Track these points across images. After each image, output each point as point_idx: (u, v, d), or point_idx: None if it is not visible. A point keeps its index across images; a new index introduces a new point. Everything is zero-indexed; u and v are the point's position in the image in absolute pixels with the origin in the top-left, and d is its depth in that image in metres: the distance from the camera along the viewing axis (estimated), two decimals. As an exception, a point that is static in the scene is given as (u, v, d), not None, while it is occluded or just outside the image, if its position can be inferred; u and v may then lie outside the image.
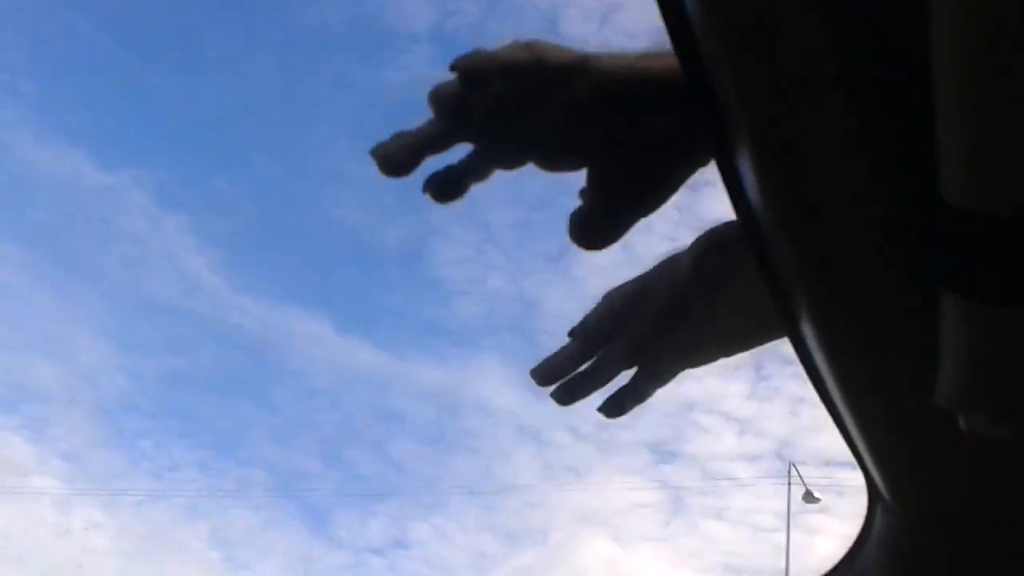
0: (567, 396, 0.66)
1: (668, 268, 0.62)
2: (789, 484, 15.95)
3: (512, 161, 0.58)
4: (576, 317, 0.66)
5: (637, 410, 0.66)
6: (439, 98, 0.56)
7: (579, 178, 0.57)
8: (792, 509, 15.72)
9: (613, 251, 0.57)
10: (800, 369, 0.55)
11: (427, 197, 0.58)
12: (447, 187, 0.58)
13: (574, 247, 0.56)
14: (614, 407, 0.66)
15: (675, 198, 0.57)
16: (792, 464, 16.24)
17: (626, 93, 0.53)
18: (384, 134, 0.56)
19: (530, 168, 0.57)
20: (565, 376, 0.66)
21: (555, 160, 0.57)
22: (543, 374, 0.66)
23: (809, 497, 15.76)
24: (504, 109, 0.55)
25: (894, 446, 0.57)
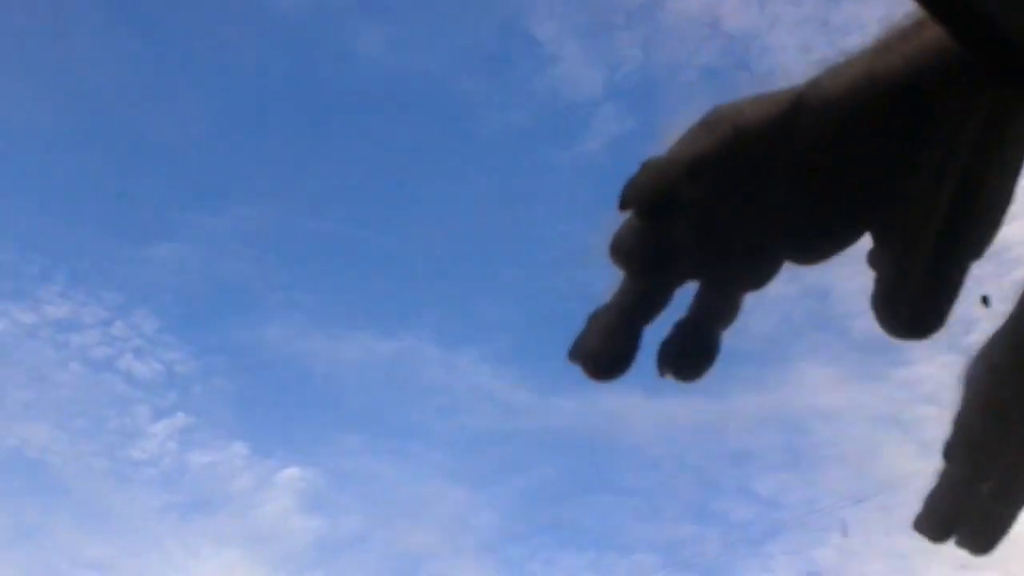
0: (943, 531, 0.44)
1: None
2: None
3: (759, 277, 0.41)
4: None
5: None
6: (624, 250, 0.39)
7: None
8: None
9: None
10: None
11: (668, 379, 0.41)
12: (692, 358, 0.41)
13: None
14: (985, 541, 0.45)
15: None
16: None
17: (879, 112, 0.36)
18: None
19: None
20: (947, 517, 0.44)
21: (818, 247, 0.39)
22: (930, 523, 0.44)
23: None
24: (717, 221, 0.39)
25: None
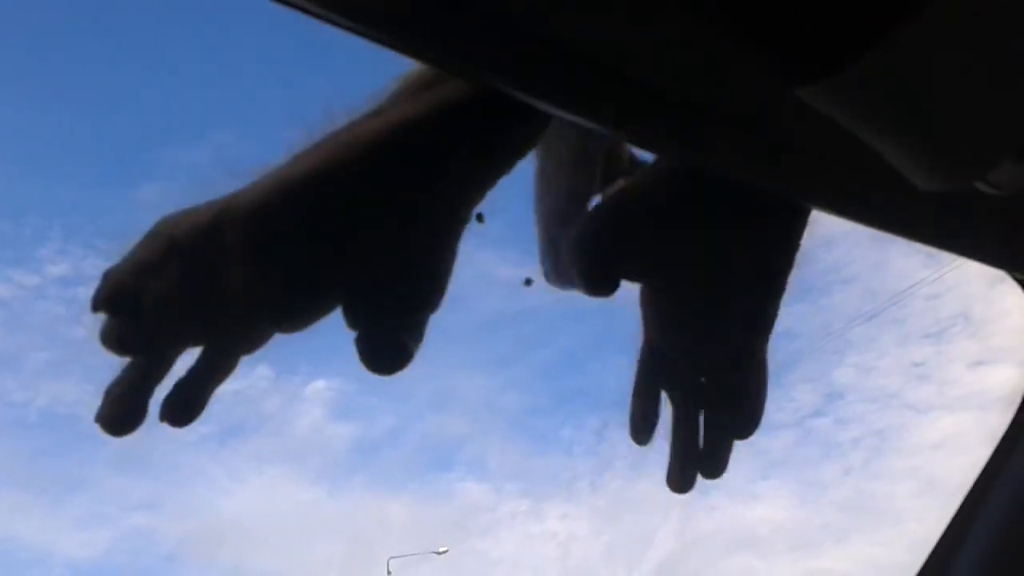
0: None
1: None
2: None
3: (249, 345, 0.51)
4: None
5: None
6: (106, 341, 0.49)
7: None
8: None
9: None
10: None
11: (166, 425, 0.50)
12: (189, 404, 0.50)
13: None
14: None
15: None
16: None
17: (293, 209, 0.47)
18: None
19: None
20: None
21: (296, 318, 0.50)
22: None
23: None
24: (174, 302, 0.48)
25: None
